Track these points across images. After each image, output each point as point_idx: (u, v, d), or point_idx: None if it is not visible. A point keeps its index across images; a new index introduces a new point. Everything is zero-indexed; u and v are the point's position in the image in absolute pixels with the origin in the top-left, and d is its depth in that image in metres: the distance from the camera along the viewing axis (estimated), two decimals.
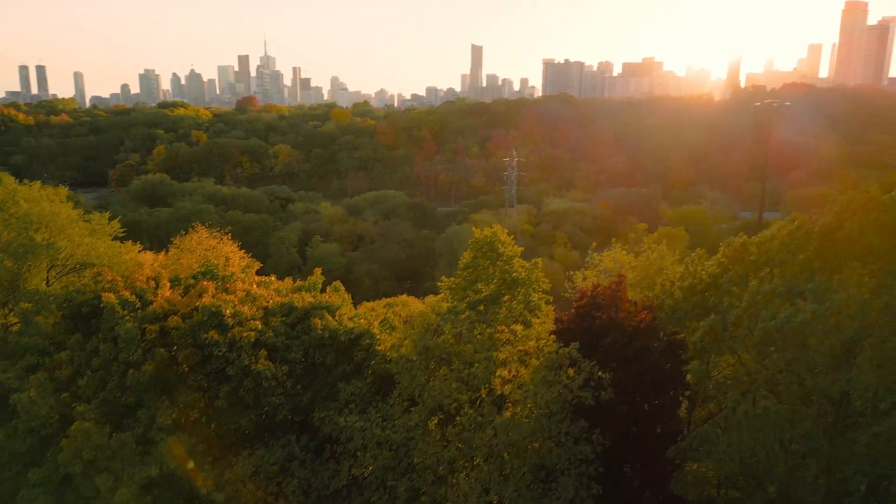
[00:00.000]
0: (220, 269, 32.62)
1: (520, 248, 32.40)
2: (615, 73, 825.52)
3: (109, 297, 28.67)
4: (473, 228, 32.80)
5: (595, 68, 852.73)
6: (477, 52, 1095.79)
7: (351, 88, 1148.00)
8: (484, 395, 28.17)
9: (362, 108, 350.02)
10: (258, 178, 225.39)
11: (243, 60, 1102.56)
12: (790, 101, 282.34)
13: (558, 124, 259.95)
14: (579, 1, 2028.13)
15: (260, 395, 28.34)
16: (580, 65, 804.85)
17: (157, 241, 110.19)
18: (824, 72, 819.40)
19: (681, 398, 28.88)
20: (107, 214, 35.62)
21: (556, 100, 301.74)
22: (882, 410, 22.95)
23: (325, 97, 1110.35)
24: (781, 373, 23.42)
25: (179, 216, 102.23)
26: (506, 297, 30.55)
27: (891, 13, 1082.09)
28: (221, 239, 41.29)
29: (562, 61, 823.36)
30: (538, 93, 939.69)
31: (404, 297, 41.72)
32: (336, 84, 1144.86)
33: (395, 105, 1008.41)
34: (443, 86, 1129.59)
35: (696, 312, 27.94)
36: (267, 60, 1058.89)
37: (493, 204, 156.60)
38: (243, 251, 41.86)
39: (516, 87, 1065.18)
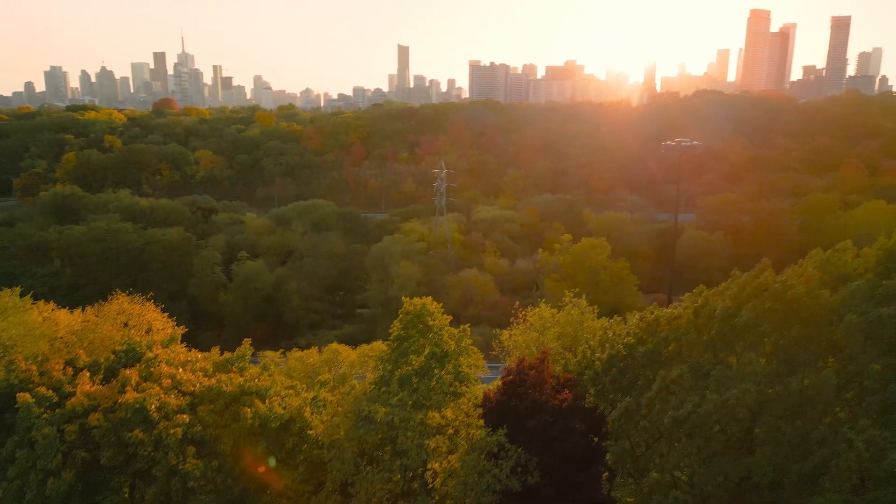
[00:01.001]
0: (142, 348, 30.38)
1: (448, 318, 32.78)
2: (539, 76, 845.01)
3: (24, 398, 26.63)
4: (404, 298, 32.98)
5: (520, 71, 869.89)
6: (403, 52, 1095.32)
7: (275, 88, 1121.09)
8: (416, 487, 28.62)
9: (287, 111, 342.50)
10: (178, 186, 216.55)
11: (159, 58, 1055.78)
12: (701, 107, 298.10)
13: (485, 130, 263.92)
14: (503, 2, 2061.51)
15: (189, 495, 26.99)
16: (505, 67, 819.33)
17: (70, 261, 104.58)
18: (732, 75, 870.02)
19: (602, 468, 30.14)
20: (17, 290, 33.11)
21: (483, 106, 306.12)
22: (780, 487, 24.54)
23: (248, 97, 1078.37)
24: (688, 457, 25.01)
25: (94, 236, 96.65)
26: (436, 370, 30.85)
27: (792, 20, 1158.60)
28: (143, 305, 38.17)
29: (487, 64, 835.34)
30: (465, 94, 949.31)
31: (335, 345, 40.72)
32: (259, 83, 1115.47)
33: (322, 105, 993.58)
34: (370, 86, 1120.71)
35: (614, 387, 29.27)
36: (185, 58, 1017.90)
37: (423, 212, 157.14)
38: (166, 314, 38.78)
39: (444, 87, 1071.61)
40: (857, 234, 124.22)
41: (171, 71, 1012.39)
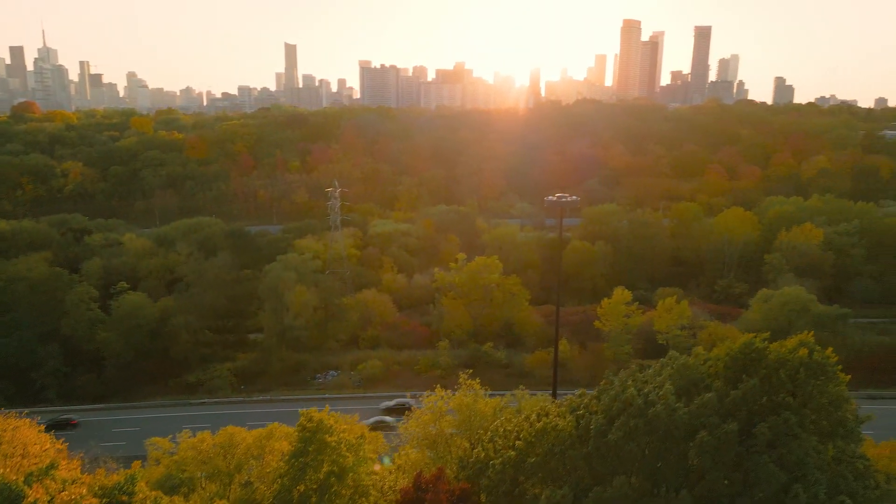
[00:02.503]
0: (19, 486, 25.41)
1: (346, 427, 32.46)
2: (430, 78, 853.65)
3: None
4: (301, 412, 32.34)
5: (410, 73, 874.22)
6: (291, 50, 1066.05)
7: (152, 86, 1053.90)
8: None
9: (167, 116, 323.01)
10: (44, 202, 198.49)
11: (17, 52, 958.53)
12: (582, 115, 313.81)
13: (378, 137, 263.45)
14: (391, 3, 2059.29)
15: None
16: (396, 70, 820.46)
17: None
18: (609, 80, 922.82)
19: None
20: None
21: (376, 113, 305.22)
22: None
23: (122, 95, 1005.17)
24: None
25: None
26: (335, 487, 30.64)
27: (660, 29, 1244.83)
28: (17, 424, 32.55)
29: (378, 65, 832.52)
30: (356, 94, 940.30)
31: (230, 429, 38.02)
32: (134, 81, 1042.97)
33: (204, 104, 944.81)
34: (256, 84, 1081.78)
35: (507, 500, 30.19)
36: (47, 53, 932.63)
37: (318, 227, 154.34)
38: (44, 433, 33.58)
39: (334, 87, 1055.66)
40: (720, 238, 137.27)
41: (30, 67, 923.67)
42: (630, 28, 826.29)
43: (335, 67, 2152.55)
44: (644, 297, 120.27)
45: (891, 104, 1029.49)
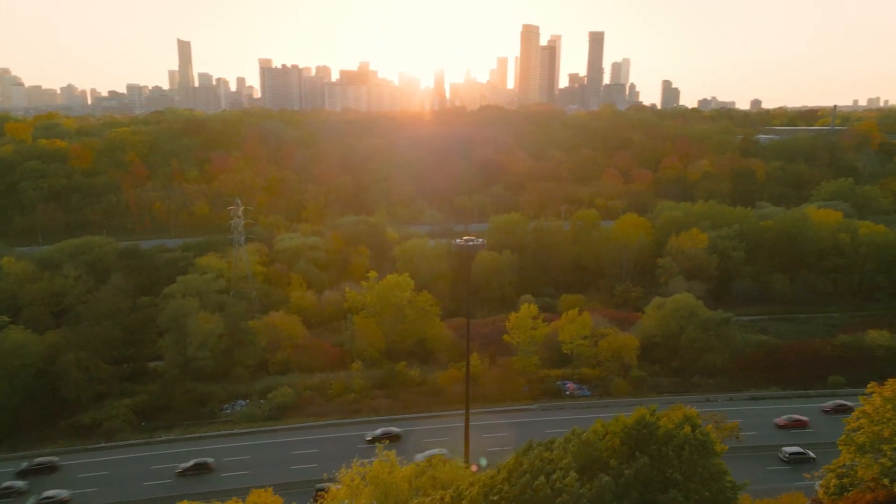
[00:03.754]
0: None
1: None
2: (334, 79, 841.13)
3: None
4: None
5: (314, 73, 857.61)
6: (185, 47, 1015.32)
7: (28, 83, 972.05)
8: None
9: (47, 121, 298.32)
10: None
11: None
12: (486, 121, 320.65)
13: (282, 144, 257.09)
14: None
15: None
16: (298, 70, 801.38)
17: None
18: (511, 82, 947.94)
19: None
20: None
21: (279, 119, 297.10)
22: None
23: None
24: None
25: None
26: None
27: (558, 32, 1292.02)
28: None
29: (279, 65, 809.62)
30: (257, 94, 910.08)
31: None
32: (8, 79, 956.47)
33: (89, 103, 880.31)
34: (147, 83, 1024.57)
35: None
36: None
37: (220, 243, 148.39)
38: None
39: (233, 87, 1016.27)
40: (617, 244, 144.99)
41: None
42: (529, 33, 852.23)
43: (233, 66, 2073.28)
44: (549, 305, 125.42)
45: (765, 105, 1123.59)
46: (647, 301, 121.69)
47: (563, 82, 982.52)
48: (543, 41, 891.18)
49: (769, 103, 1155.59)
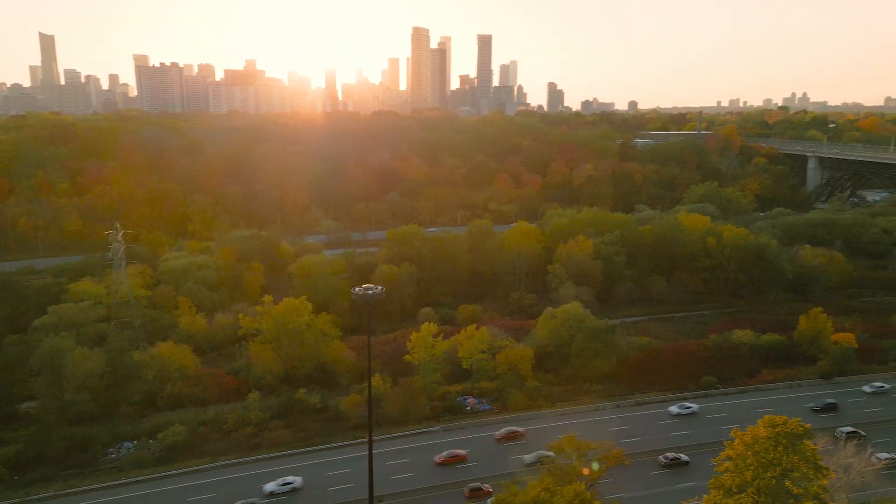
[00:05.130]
0: None
1: None
2: (218, 79, 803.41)
3: None
4: None
5: (195, 71, 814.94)
6: (48, 41, 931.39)
7: None
8: None
9: None
10: None
11: None
12: (379, 127, 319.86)
13: (163, 153, 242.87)
14: None
15: None
16: (179, 69, 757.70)
17: None
18: (404, 83, 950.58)
19: None
20: None
21: (159, 125, 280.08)
22: None
23: None
24: None
25: None
26: None
27: (448, 34, 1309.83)
28: None
29: (158, 63, 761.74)
30: (133, 93, 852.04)
31: None
32: None
33: None
34: (5, 80, 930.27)
35: None
36: None
37: (96, 266, 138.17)
38: None
39: (105, 84, 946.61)
40: (511, 252, 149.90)
41: None
42: (419, 36, 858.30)
43: (105, 62, 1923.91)
44: (448, 316, 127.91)
45: (641, 106, 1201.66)
46: (540, 307, 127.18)
47: (454, 83, 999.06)
48: (434, 43, 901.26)
49: (644, 104, 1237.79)
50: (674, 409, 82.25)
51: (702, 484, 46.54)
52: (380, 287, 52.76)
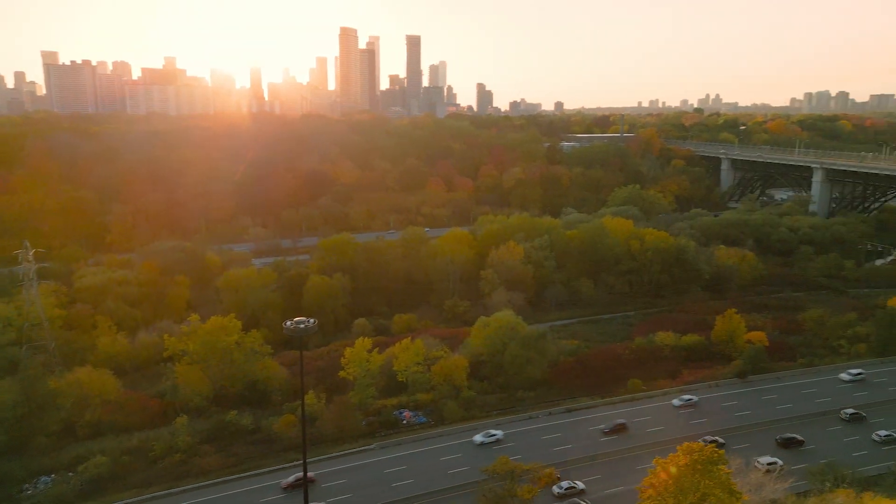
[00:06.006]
0: None
1: None
2: (135, 78, 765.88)
3: None
4: None
5: (110, 70, 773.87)
6: None
7: None
8: None
9: None
10: None
11: None
12: (309, 131, 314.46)
13: (77, 159, 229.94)
14: None
15: None
16: (92, 67, 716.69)
17: None
18: (332, 83, 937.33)
19: None
20: None
21: (71, 129, 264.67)
22: None
23: None
24: None
25: None
26: None
27: (376, 33, 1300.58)
28: None
29: (69, 61, 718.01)
30: (41, 91, 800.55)
31: None
32: None
33: None
34: None
35: None
36: None
37: (3, 283, 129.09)
38: None
39: (10, 83, 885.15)
40: (444, 259, 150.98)
41: None
42: (347, 36, 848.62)
43: (10, 58, 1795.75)
44: (383, 326, 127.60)
45: (567, 107, 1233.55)
46: (474, 313, 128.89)
47: (384, 84, 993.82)
48: (362, 43, 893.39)
49: (570, 104, 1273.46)
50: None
51: None
52: (312, 320, 52.10)
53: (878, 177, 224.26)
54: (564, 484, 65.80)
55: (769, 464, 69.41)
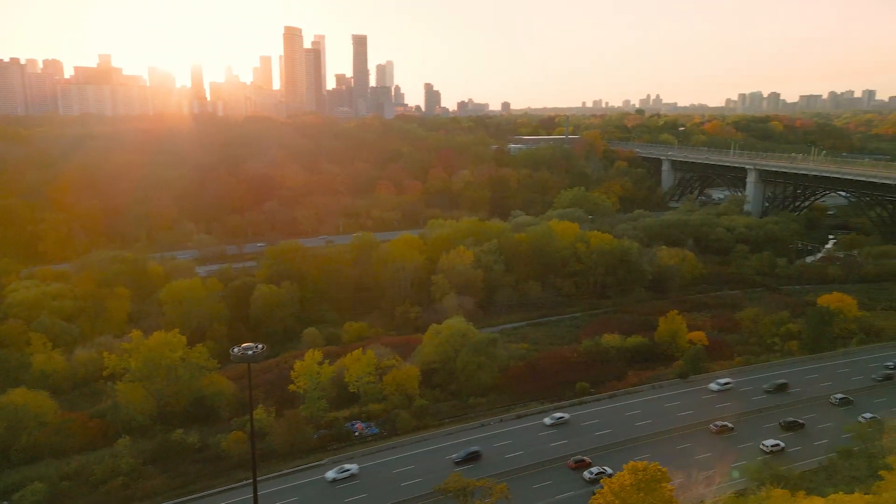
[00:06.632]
0: None
1: None
2: (67, 76, 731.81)
3: None
4: None
5: (41, 68, 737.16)
6: None
7: None
8: None
9: None
10: None
11: None
12: (254, 134, 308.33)
13: (6, 165, 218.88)
14: None
15: None
16: (21, 65, 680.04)
17: None
18: (277, 83, 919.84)
19: None
20: None
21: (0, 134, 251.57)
22: None
23: None
24: None
25: None
26: None
27: (321, 32, 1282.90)
28: None
29: None
30: None
31: None
32: None
33: None
34: None
35: None
36: None
37: None
38: None
39: None
40: (395, 265, 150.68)
41: None
42: (292, 35, 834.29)
43: None
44: (333, 336, 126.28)
45: (514, 107, 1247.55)
46: (425, 319, 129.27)
47: (330, 83, 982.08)
48: (307, 42, 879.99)
49: (517, 104, 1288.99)
50: (547, 420, 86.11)
51: None
52: (260, 345, 51.16)
53: (807, 177, 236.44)
54: (595, 469, 71.75)
55: (773, 445, 77.30)
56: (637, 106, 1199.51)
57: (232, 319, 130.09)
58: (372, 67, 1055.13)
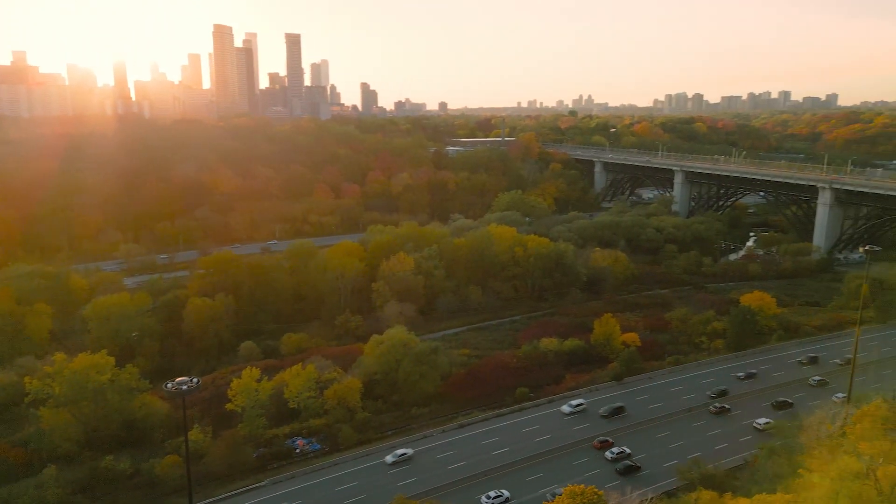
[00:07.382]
0: None
1: None
2: None
3: None
4: None
5: None
6: None
7: None
8: None
9: None
10: None
11: None
12: (183, 137, 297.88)
13: None
14: None
15: None
16: None
17: None
18: (207, 82, 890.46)
19: None
20: None
21: None
22: None
23: None
24: None
25: None
26: None
27: (252, 30, 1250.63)
28: None
29: None
30: None
31: None
32: None
33: None
34: None
35: None
36: None
37: None
38: None
39: None
40: (334, 273, 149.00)
41: None
42: (222, 33, 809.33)
43: None
44: (271, 348, 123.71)
45: (451, 107, 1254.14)
46: (366, 328, 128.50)
47: (263, 83, 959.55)
48: (238, 41, 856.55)
49: (454, 104, 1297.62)
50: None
51: None
52: (195, 379, 49.72)
53: (729, 178, 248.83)
54: (616, 450, 78.41)
55: (766, 423, 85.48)
56: (570, 106, 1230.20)
57: (164, 335, 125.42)
58: (307, 67, 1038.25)
